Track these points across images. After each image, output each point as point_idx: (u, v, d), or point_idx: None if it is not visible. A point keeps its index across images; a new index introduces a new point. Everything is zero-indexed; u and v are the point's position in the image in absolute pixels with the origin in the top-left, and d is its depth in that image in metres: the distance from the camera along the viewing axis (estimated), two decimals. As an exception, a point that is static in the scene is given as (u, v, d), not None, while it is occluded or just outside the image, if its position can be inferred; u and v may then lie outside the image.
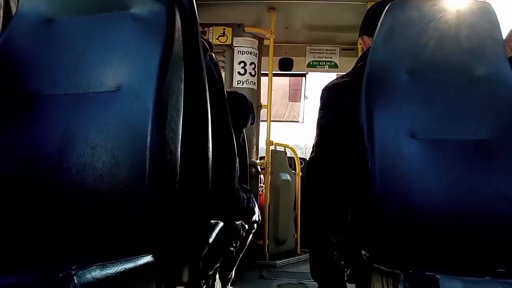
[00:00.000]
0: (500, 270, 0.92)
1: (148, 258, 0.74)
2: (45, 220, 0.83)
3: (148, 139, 0.80)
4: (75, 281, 0.50)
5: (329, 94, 1.38)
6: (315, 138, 1.46)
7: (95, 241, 0.80)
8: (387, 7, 1.24)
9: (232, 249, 1.86)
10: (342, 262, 1.42)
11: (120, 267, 0.62)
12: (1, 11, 1.18)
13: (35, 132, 0.88)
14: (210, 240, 1.21)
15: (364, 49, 1.60)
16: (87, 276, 0.53)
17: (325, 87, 1.42)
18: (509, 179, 1.03)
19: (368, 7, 3.10)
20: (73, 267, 0.51)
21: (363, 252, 1.05)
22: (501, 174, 1.03)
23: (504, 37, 1.24)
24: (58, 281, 0.48)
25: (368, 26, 1.53)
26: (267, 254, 3.40)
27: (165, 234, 0.82)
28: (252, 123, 2.39)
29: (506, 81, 1.14)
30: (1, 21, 1.14)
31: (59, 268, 0.51)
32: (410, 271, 0.79)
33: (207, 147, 1.07)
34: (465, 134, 1.09)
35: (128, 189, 0.80)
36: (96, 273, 0.55)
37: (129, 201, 0.79)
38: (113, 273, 0.60)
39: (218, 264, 1.43)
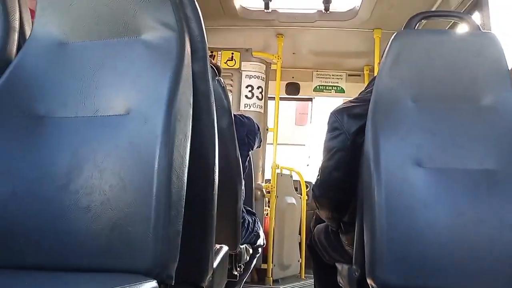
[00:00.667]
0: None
1: (153, 284, 0.74)
2: (49, 241, 0.83)
3: (156, 163, 0.81)
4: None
5: (337, 118, 1.39)
6: (322, 161, 1.46)
7: (99, 264, 0.80)
8: (393, 36, 1.26)
9: (236, 273, 1.84)
10: (347, 290, 1.40)
11: (123, 293, 0.62)
12: (17, 34, 1.21)
13: (44, 154, 0.89)
14: (215, 265, 1.20)
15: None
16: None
17: (333, 111, 1.43)
18: None
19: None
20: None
21: (368, 280, 1.04)
22: (507, 204, 1.03)
23: (510, 65, 1.25)
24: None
25: None
26: (271, 278, 3.36)
27: (170, 259, 0.82)
28: (259, 146, 2.40)
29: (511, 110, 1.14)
30: (16, 44, 1.17)
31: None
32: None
33: (214, 171, 1.08)
34: (471, 163, 1.08)
35: (134, 213, 0.80)
36: (100, 298, 0.55)
37: (135, 224, 0.79)
38: (117, 298, 0.59)
39: (222, 289, 1.42)
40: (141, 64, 0.94)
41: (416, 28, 1.36)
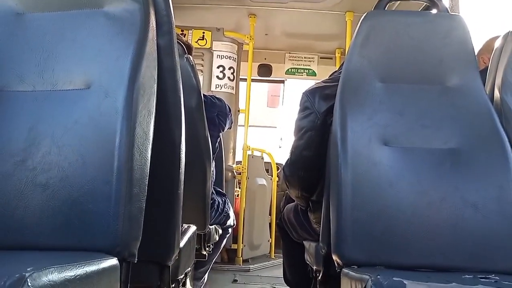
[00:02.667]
0: (467, 276, 0.93)
1: (112, 261, 0.72)
2: (5, 219, 0.79)
3: (117, 139, 0.78)
4: (28, 283, 0.47)
5: (308, 98, 1.38)
6: (293, 141, 1.47)
7: (57, 242, 0.77)
8: (363, 16, 1.26)
9: (205, 253, 1.84)
10: (314, 267, 1.42)
11: (80, 270, 0.60)
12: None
13: (0, 129, 0.85)
14: (182, 245, 1.19)
15: None
16: (43, 279, 0.50)
17: (306, 90, 1.43)
18: (477, 188, 1.05)
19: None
20: (28, 269, 0.49)
21: (334, 257, 1.05)
22: (469, 182, 1.05)
23: (476, 48, 1.27)
24: (9, 283, 0.46)
25: None
26: (241, 258, 3.39)
27: (132, 237, 0.80)
28: (230, 128, 2.38)
29: (476, 92, 1.16)
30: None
31: (13, 269, 0.48)
32: (378, 276, 0.79)
33: (180, 150, 1.06)
34: (436, 143, 1.10)
35: (95, 189, 0.77)
36: (53, 275, 0.53)
37: (95, 202, 0.77)
38: (72, 276, 0.57)
39: (190, 269, 1.41)
40: (103, 37, 0.90)
41: (387, 9, 1.36)
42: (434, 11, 1.37)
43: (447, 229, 1.03)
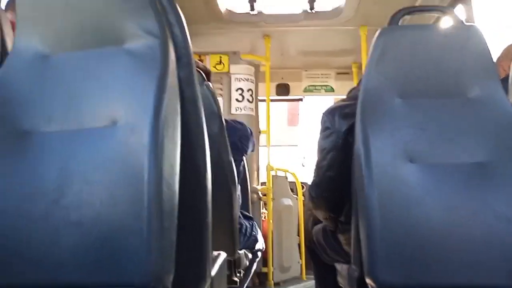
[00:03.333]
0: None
1: (147, 297, 0.72)
2: (41, 258, 0.81)
3: (145, 174, 0.80)
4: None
5: (328, 118, 1.39)
6: (316, 162, 1.46)
7: (92, 280, 0.78)
8: (377, 33, 1.26)
9: (236, 279, 1.83)
10: (347, 289, 1.39)
11: (118, 309, 0.61)
12: (-2, 48, 1.20)
13: (31, 170, 0.88)
14: (213, 273, 1.19)
15: None
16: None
17: (325, 111, 1.43)
18: (509, 201, 1.02)
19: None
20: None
21: (367, 280, 1.03)
22: (500, 196, 1.03)
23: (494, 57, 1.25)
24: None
25: None
26: (272, 281, 3.34)
27: (165, 270, 0.80)
28: (253, 150, 2.39)
29: (499, 101, 1.14)
30: (-3, 58, 1.15)
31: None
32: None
33: (206, 178, 1.07)
34: (462, 157, 1.08)
35: (126, 226, 0.79)
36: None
37: (127, 238, 0.78)
38: (111, 315, 0.58)
39: (222, 296, 1.40)
40: (125, 74, 0.93)
41: (400, 24, 1.36)
42: (447, 22, 1.36)
43: (481, 245, 1.00)
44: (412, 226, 1.01)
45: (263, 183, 3.56)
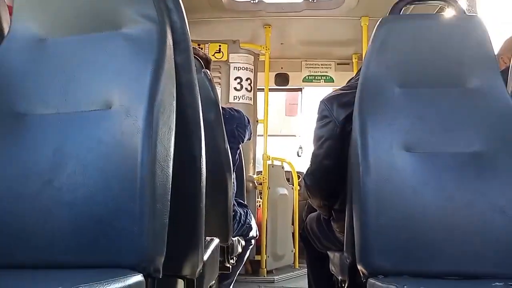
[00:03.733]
0: (497, 284, 0.91)
1: (138, 278, 0.73)
2: (33, 238, 0.82)
3: (139, 157, 0.80)
4: (58, 303, 0.48)
5: (326, 107, 1.38)
6: (312, 150, 1.46)
7: (84, 260, 0.79)
8: (378, 22, 1.25)
9: (229, 265, 1.84)
10: (339, 277, 1.40)
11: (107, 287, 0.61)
12: (-6, 31, 1.19)
13: (26, 152, 0.88)
14: (205, 258, 1.20)
15: None
16: (73, 298, 0.52)
17: (323, 99, 1.43)
18: (504, 191, 1.02)
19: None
20: (58, 289, 0.50)
21: (359, 266, 1.04)
22: (495, 186, 1.03)
23: (495, 48, 1.25)
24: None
25: None
26: (265, 269, 3.37)
27: (157, 252, 0.81)
28: (249, 139, 2.39)
29: (498, 92, 1.14)
30: (-6, 41, 1.14)
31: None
32: (405, 286, 0.78)
33: (201, 164, 1.07)
34: (459, 147, 1.09)
35: (119, 207, 0.79)
36: (82, 295, 0.54)
37: (120, 219, 0.78)
38: (101, 294, 0.58)
39: (214, 282, 1.41)
40: (122, 58, 0.92)
41: (402, 13, 1.35)
42: (449, 12, 1.35)
43: (475, 234, 1.01)
44: (406, 214, 1.01)
45: (259, 172, 3.57)
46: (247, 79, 3.44)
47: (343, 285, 1.33)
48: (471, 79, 1.17)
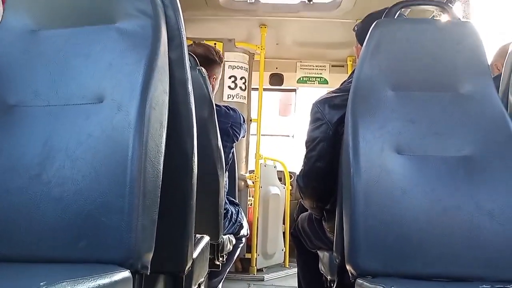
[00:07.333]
0: (484, 286, 0.92)
1: (125, 274, 0.72)
2: (20, 232, 0.81)
3: (130, 152, 0.79)
4: (42, 297, 0.48)
5: (319, 109, 1.39)
6: (305, 152, 1.46)
7: (71, 255, 0.78)
8: (373, 25, 1.26)
9: (219, 263, 1.84)
10: (329, 277, 1.41)
11: (93, 283, 0.60)
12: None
13: (15, 144, 0.87)
14: (195, 255, 1.20)
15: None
16: (57, 293, 0.51)
17: (316, 101, 1.43)
18: (492, 195, 1.03)
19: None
20: (42, 283, 0.49)
21: (348, 267, 1.05)
22: (484, 190, 1.04)
23: (487, 55, 1.26)
24: (24, 297, 0.46)
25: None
26: (255, 267, 3.38)
27: (145, 248, 0.80)
28: (243, 136, 2.39)
29: (490, 98, 1.15)
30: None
31: (27, 283, 0.49)
32: (393, 287, 0.78)
33: (192, 160, 1.06)
34: (449, 151, 1.09)
35: (108, 202, 0.78)
36: (67, 289, 0.54)
37: (108, 214, 0.78)
38: (86, 289, 0.58)
39: (203, 279, 1.41)
40: (115, 52, 0.92)
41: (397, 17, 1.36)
42: (444, 18, 1.36)
43: (463, 237, 1.02)
44: (395, 215, 1.02)
45: (252, 171, 3.57)
46: (241, 78, 3.44)
47: (332, 284, 1.33)
48: (463, 84, 1.18)
